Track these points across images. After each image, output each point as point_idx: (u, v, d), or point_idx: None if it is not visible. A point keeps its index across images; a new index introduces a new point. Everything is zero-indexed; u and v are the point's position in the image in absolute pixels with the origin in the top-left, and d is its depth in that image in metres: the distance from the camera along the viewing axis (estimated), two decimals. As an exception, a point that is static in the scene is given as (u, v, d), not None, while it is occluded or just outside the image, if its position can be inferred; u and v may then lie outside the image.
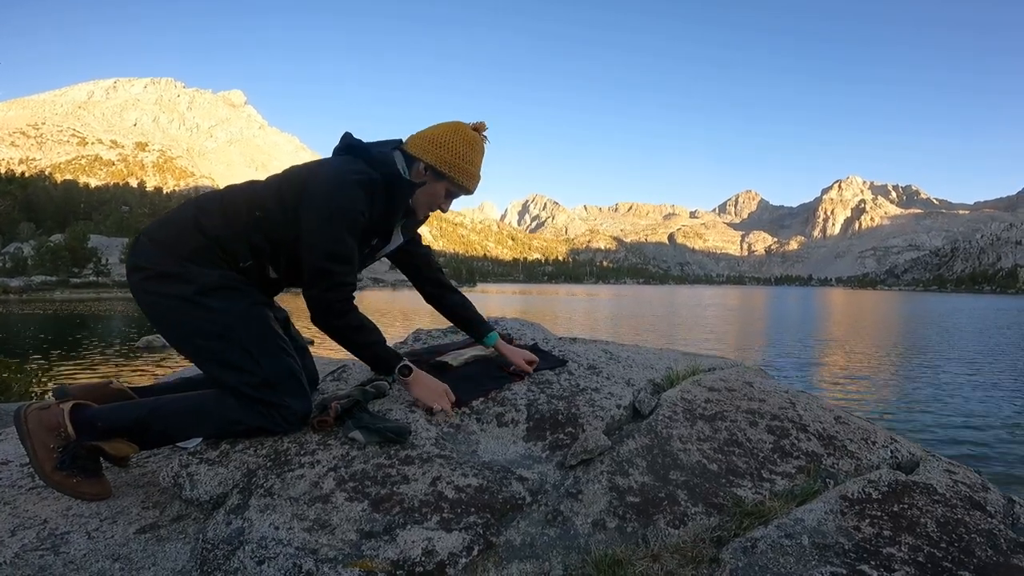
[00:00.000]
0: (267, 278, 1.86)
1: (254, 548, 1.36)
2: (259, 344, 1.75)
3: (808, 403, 2.15)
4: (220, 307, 1.72)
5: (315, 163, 1.90)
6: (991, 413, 9.31)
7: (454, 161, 1.87)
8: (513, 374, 2.21)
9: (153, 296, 1.73)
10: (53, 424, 1.61)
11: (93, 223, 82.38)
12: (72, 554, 1.41)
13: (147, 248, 1.76)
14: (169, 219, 1.83)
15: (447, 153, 1.86)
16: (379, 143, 1.93)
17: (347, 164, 1.81)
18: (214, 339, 1.72)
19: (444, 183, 1.90)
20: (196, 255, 1.73)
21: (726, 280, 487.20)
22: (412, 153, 1.88)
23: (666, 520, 1.51)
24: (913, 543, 1.36)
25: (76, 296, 45.83)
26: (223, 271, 1.76)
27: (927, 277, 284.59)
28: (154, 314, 1.77)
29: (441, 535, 1.39)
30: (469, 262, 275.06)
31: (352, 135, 1.93)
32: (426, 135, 1.89)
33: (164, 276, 1.71)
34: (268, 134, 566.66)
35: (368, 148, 1.87)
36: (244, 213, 1.78)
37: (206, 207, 1.80)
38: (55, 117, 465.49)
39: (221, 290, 1.73)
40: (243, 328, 1.74)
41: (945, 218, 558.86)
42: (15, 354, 12.29)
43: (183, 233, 1.75)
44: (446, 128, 1.89)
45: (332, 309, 1.79)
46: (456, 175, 1.88)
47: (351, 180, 1.75)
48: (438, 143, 1.86)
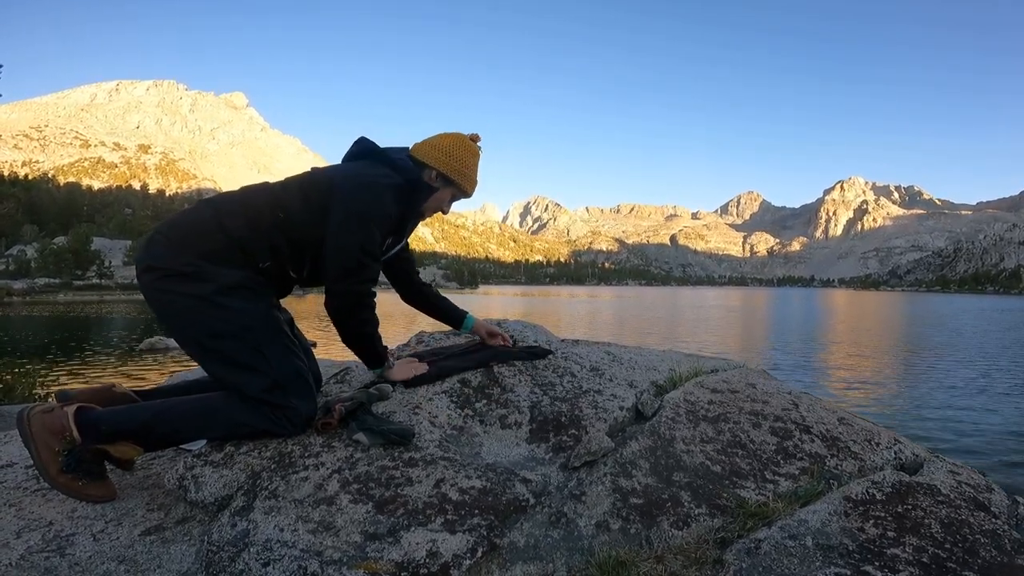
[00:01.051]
0: (285, 278, 1.92)
1: (259, 550, 1.36)
2: (271, 345, 1.77)
3: (811, 404, 2.15)
4: (238, 307, 1.74)
5: (340, 166, 1.99)
6: (995, 414, 9.28)
7: (462, 169, 2.04)
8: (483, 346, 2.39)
9: (168, 295, 1.74)
10: (57, 427, 1.62)
11: (96, 225, 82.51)
12: (78, 556, 1.41)
13: (162, 247, 1.76)
14: (184, 219, 1.84)
15: (455, 161, 2.03)
16: (391, 149, 2.03)
17: (375, 168, 1.92)
18: (228, 339, 1.73)
19: (451, 189, 2.07)
20: (214, 255, 1.75)
21: (728, 281, 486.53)
22: (422, 160, 2.02)
23: (670, 521, 1.52)
24: (917, 544, 1.36)
25: (79, 298, 45.94)
26: (242, 271, 1.78)
27: (930, 278, 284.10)
28: (167, 313, 1.77)
29: (445, 537, 1.39)
30: (471, 264, 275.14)
31: (368, 139, 2.03)
32: (433, 144, 2.05)
33: (180, 275, 1.72)
34: (270, 136, 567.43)
35: (389, 154, 1.99)
36: (267, 214, 1.82)
37: (227, 208, 1.83)
38: (58, 120, 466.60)
39: (239, 290, 1.75)
40: (259, 329, 1.76)
41: (948, 219, 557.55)
42: (19, 356, 12.33)
43: (203, 233, 1.77)
44: (451, 138, 2.06)
45: (362, 302, 1.89)
46: (462, 181, 2.06)
47: (383, 184, 1.87)
48: (446, 152, 2.02)
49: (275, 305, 1.91)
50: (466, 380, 2.16)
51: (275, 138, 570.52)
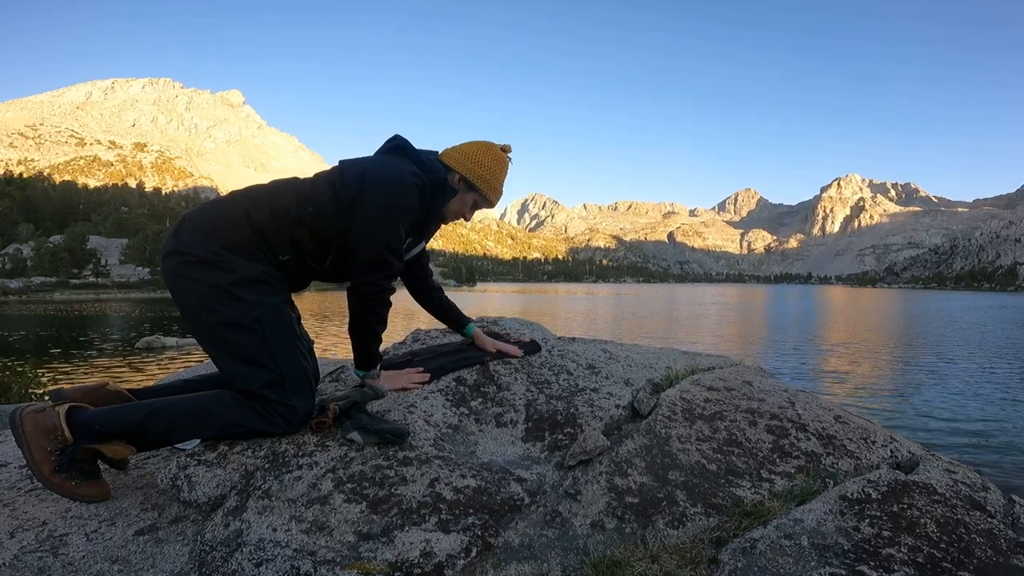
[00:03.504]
0: (304, 271, 1.93)
1: (252, 550, 1.36)
2: (280, 341, 1.78)
3: (807, 402, 2.15)
4: (253, 300, 1.75)
5: (371, 159, 1.99)
6: (991, 412, 9.30)
7: (486, 176, 2.06)
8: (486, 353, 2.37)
9: (187, 280, 1.76)
10: (49, 427, 1.61)
11: (92, 224, 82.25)
12: (71, 556, 1.40)
13: (190, 234, 1.78)
14: (215, 208, 1.86)
15: (481, 169, 2.05)
16: (422, 151, 2.05)
17: (404, 164, 1.93)
18: (239, 330, 1.74)
19: (473, 195, 2.08)
20: (238, 246, 1.77)
21: (726, 278, 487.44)
22: (448, 164, 2.05)
23: (665, 521, 1.51)
24: (913, 543, 1.36)
25: (75, 297, 45.83)
26: (263, 265, 1.80)
27: (926, 275, 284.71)
28: (184, 298, 1.79)
29: (439, 537, 1.39)
30: (469, 261, 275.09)
31: (402, 136, 2.05)
32: (462, 150, 2.08)
33: (203, 263, 1.74)
34: (267, 134, 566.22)
35: (418, 152, 2.01)
36: (294, 209, 1.83)
37: (257, 201, 1.84)
38: (53, 118, 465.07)
39: (257, 283, 1.77)
40: (271, 324, 1.77)
41: (944, 216, 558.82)
42: (15, 356, 12.30)
43: (231, 224, 1.79)
44: (480, 146, 2.09)
45: (383, 298, 1.91)
46: (486, 189, 2.08)
47: (410, 181, 1.89)
48: (473, 159, 2.05)
49: (288, 301, 1.92)
50: (462, 378, 2.15)
51: (272, 136, 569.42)
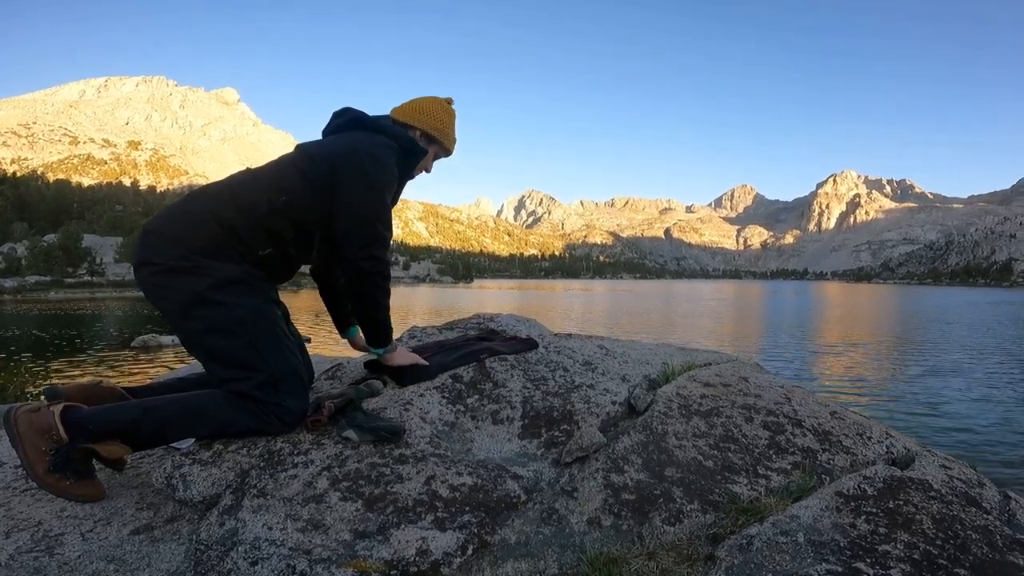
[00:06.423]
0: (288, 261, 1.92)
1: (247, 549, 1.35)
2: (266, 341, 1.76)
3: (803, 398, 2.15)
4: (233, 302, 1.72)
5: (336, 140, 1.96)
6: (988, 408, 9.33)
7: (443, 128, 2.13)
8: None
9: (163, 290, 1.73)
10: (44, 426, 1.60)
11: (86, 222, 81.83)
12: (67, 556, 1.40)
13: (155, 242, 1.75)
14: (176, 212, 1.82)
15: (437, 121, 2.11)
16: (377, 117, 2.06)
17: (373, 138, 1.94)
18: (223, 335, 1.72)
19: (434, 147, 2.15)
20: (209, 248, 1.73)
21: (722, 274, 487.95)
22: (406, 122, 2.08)
23: (662, 517, 1.51)
24: (909, 540, 1.36)
25: (70, 296, 45.64)
26: (238, 265, 1.76)
27: (922, 271, 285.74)
28: (164, 308, 1.76)
29: (435, 534, 1.39)
30: (465, 258, 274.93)
31: (354, 109, 2.05)
32: (415, 106, 2.11)
33: (174, 270, 1.71)
34: (262, 132, 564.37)
35: (376, 121, 2.02)
36: (263, 201, 1.79)
37: (219, 198, 1.81)
38: (46, 116, 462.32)
39: (235, 284, 1.74)
40: (253, 324, 1.74)
41: (939, 212, 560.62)
42: (10, 355, 12.25)
43: (199, 226, 1.75)
44: (429, 100, 2.13)
45: (384, 271, 1.92)
46: (444, 140, 2.15)
47: (387, 153, 1.92)
48: (428, 112, 2.10)
49: (272, 299, 1.89)
50: (458, 375, 2.15)
51: (267, 133, 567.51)
